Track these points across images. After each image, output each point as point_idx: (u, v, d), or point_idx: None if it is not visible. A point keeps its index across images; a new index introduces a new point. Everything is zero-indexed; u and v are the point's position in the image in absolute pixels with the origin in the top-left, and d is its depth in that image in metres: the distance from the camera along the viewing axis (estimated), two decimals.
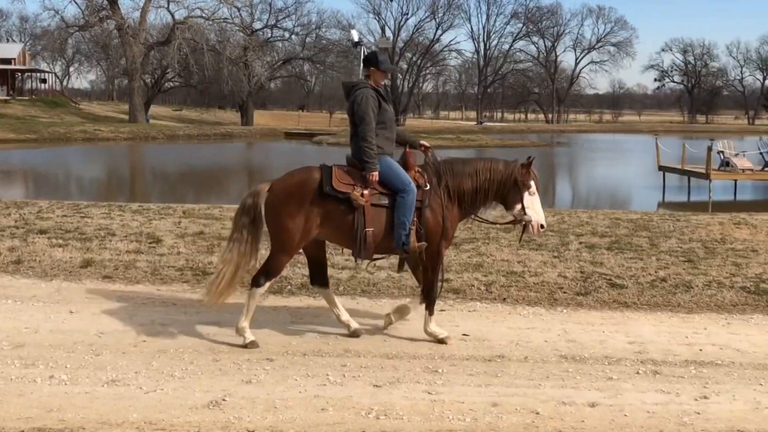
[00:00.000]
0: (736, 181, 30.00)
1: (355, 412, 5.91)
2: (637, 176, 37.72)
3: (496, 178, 7.43)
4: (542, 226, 7.58)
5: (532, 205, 7.49)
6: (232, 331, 7.41)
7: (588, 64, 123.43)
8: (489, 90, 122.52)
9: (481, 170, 7.44)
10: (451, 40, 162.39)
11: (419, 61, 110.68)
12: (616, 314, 8.69)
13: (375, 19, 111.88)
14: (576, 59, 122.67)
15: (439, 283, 7.61)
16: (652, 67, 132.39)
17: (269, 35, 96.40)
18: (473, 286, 9.44)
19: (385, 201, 7.21)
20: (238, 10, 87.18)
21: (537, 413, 5.93)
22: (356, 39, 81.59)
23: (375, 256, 7.54)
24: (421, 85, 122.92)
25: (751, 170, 29.66)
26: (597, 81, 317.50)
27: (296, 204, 7.09)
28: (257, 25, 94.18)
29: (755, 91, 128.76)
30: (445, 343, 7.42)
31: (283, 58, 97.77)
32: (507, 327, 8.09)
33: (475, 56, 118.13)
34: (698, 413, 6.00)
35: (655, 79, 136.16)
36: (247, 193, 7.51)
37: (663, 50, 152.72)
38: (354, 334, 7.59)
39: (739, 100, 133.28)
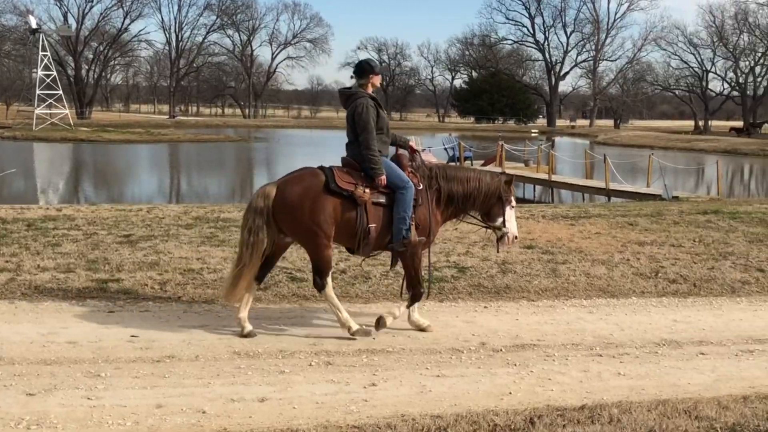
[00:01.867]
0: None
1: (2, 423, 5.55)
2: None
3: (482, 189, 8.19)
4: (515, 238, 8.43)
5: (511, 218, 8.34)
6: None
7: (285, 59, 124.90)
8: (183, 83, 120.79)
9: (471, 179, 8.22)
10: (141, 30, 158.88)
11: (106, 51, 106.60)
12: (295, 308, 8.88)
13: (56, 5, 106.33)
14: (272, 54, 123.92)
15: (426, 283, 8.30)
16: (348, 64, 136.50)
17: None
18: (147, 285, 9.21)
19: (382, 199, 7.79)
20: None
21: (204, 412, 5.89)
22: (34, 25, 77.50)
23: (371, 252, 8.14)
24: (108, 76, 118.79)
25: None
26: (295, 77, 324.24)
27: (311, 203, 7.56)
28: None
29: (445, 90, 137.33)
30: (428, 330, 8.08)
31: None
32: (180, 326, 7.98)
33: (167, 48, 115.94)
34: (366, 400, 6.25)
35: (352, 77, 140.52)
36: (256, 195, 7.83)
37: (359, 48, 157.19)
38: (247, 334, 7.72)
39: (431, 99, 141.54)
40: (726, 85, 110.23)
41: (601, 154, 32.56)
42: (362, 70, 8.16)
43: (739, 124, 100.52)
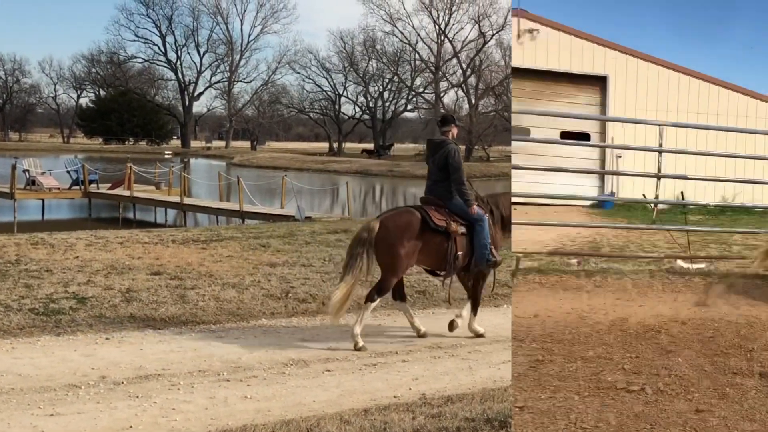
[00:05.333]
0: (43, 200, 30.50)
1: None
2: None
3: None
4: None
5: None
6: None
7: None
8: None
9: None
10: None
11: None
12: None
13: None
14: None
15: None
16: None
17: None
18: None
19: (463, 230, 9.43)
20: None
21: None
22: None
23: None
24: None
25: (58, 189, 30.54)
26: None
27: (408, 238, 9.19)
28: None
29: (70, 110, 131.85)
30: (483, 336, 9.69)
31: None
32: None
33: None
34: None
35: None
36: (361, 228, 9.50)
37: None
38: (423, 335, 9.60)
39: (54, 118, 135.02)
40: (357, 109, 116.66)
41: (236, 176, 33.05)
42: (447, 121, 9.94)
43: (370, 146, 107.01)
